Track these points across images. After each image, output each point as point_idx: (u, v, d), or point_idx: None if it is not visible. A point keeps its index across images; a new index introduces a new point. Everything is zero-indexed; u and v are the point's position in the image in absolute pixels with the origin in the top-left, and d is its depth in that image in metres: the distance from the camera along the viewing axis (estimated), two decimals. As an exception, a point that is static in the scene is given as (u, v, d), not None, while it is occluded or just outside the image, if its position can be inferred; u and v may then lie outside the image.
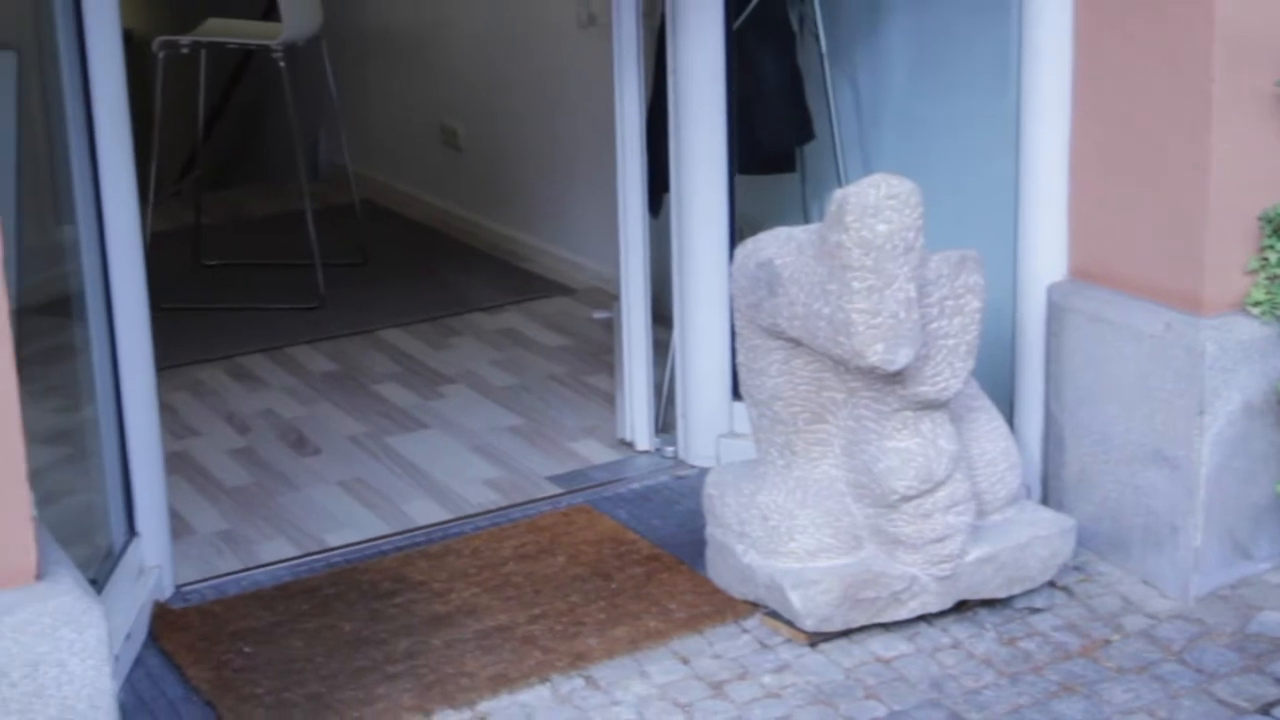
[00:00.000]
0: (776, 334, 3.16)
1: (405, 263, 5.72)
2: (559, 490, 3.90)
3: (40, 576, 2.34)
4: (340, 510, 3.86)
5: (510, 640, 3.21)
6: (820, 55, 4.15)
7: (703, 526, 3.42)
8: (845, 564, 3.18)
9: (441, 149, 6.21)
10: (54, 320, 3.38)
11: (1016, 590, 3.27)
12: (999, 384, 3.52)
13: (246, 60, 6.95)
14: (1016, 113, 3.51)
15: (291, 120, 5.63)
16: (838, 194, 2.96)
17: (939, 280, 3.07)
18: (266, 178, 7.11)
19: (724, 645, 3.19)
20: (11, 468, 2.31)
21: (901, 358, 2.96)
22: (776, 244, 3.18)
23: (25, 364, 2.34)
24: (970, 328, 3.12)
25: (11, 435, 2.31)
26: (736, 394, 3.71)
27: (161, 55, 5.39)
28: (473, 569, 3.48)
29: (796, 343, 3.13)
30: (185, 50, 5.46)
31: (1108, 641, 3.17)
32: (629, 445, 4.10)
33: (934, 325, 3.06)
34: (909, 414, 3.10)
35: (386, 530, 3.74)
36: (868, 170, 3.84)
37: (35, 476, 2.36)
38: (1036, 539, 3.27)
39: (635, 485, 3.89)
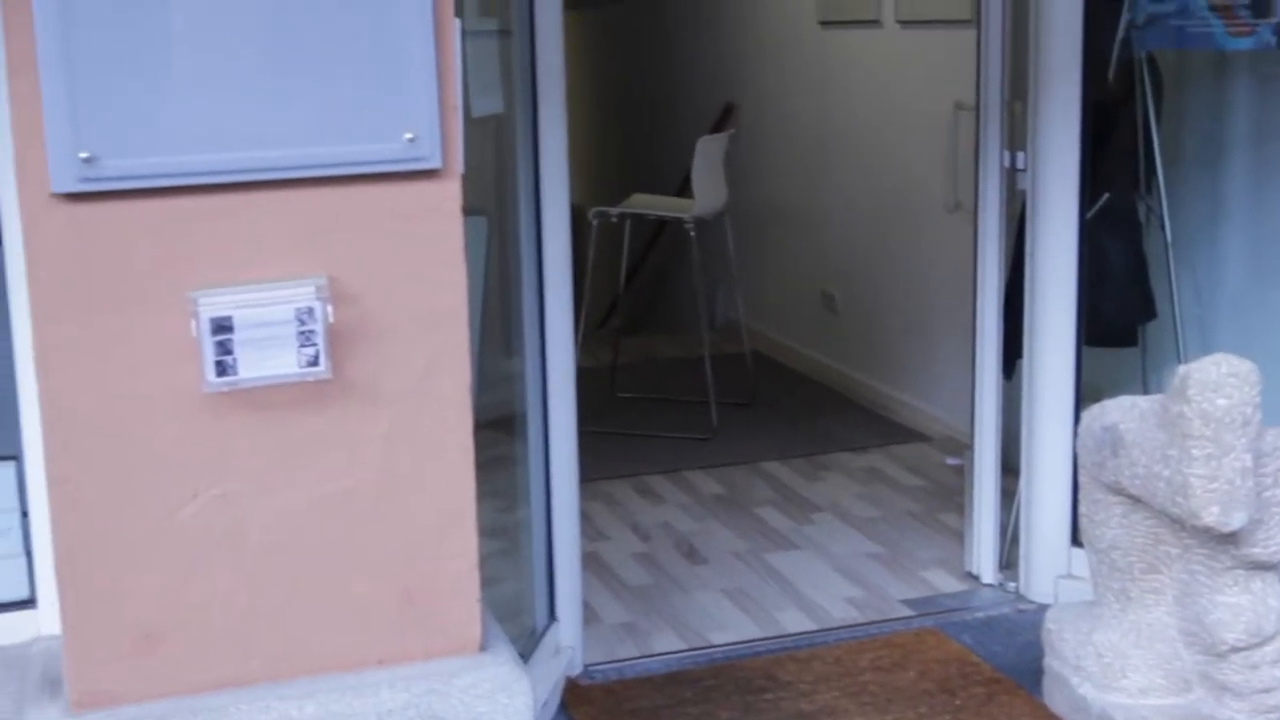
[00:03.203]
0: (1117, 490, 3.04)
1: (786, 405, 5.75)
2: (911, 613, 3.82)
3: (483, 648, 2.41)
4: (722, 613, 3.86)
5: (863, 741, 3.15)
6: (1165, 244, 4.01)
7: (1040, 657, 3.29)
8: (1174, 704, 3.01)
9: (820, 310, 6.25)
10: (499, 435, 3.50)
11: (1338, 744, 3.02)
12: (1326, 550, 3.29)
13: (662, 228, 7.17)
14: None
15: (696, 280, 5.77)
16: (1181, 369, 2.84)
17: (1274, 452, 2.90)
18: (672, 327, 7.28)
19: (1056, 766, 3.06)
20: (467, 555, 2.40)
21: (1235, 521, 2.80)
22: (1121, 410, 3.06)
23: (477, 470, 2.43)
24: (1302, 497, 2.93)
25: (468, 529, 2.40)
26: (1075, 540, 3.57)
27: (595, 222, 5.61)
28: (834, 674, 3.44)
29: (1136, 500, 3.00)
30: (614, 219, 5.67)
31: None
32: (975, 578, 3.99)
33: (1268, 493, 2.89)
34: (1240, 572, 2.93)
35: (760, 634, 3.72)
36: (1206, 348, 3.68)
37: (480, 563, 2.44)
38: (1360, 697, 3.02)
39: (980, 614, 3.78)
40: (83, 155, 2.10)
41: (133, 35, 2.08)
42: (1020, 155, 3.75)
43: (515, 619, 3.27)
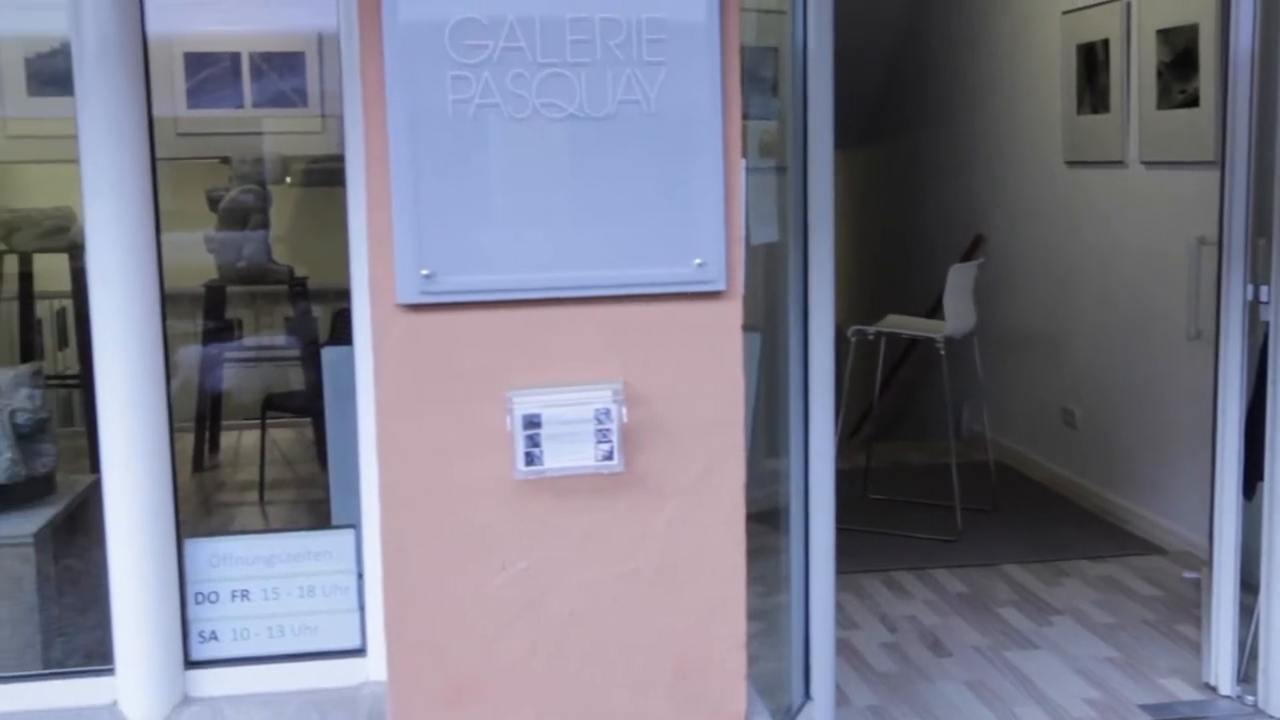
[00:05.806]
0: (1361, 611, 2.82)
1: (1026, 513, 5.56)
2: (1149, 718, 3.61)
3: (746, 722, 2.40)
4: (964, 704, 3.73)
5: (1100, 837, 2.98)
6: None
7: (1279, 769, 3.06)
8: None
9: (1061, 426, 6.04)
10: (764, 527, 3.47)
11: None
12: None
13: (913, 346, 7.07)
14: None
15: (945, 393, 5.67)
16: None
17: None
18: (921, 436, 7.15)
19: None
20: (736, 636, 2.38)
21: None
22: (1365, 534, 2.86)
23: (744, 558, 2.43)
24: None
25: (738, 612, 2.39)
26: (1316, 658, 3.33)
27: (853, 339, 5.59)
28: (1071, 771, 3.28)
29: (1380, 621, 2.78)
30: (870, 337, 5.64)
31: None
32: (1212, 689, 3.75)
33: None
34: None
35: (1000, 727, 3.60)
36: None
37: (742, 644, 2.42)
38: None
39: (1216, 723, 3.57)
40: (424, 272, 2.22)
41: (467, 177, 2.20)
42: (1264, 289, 3.57)
43: (773, 696, 3.22)
